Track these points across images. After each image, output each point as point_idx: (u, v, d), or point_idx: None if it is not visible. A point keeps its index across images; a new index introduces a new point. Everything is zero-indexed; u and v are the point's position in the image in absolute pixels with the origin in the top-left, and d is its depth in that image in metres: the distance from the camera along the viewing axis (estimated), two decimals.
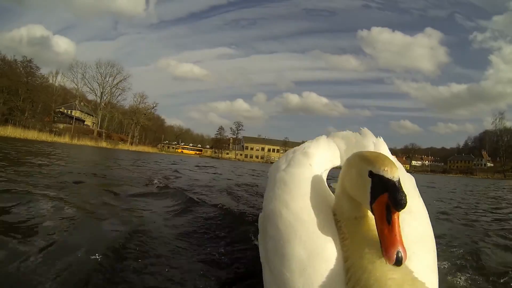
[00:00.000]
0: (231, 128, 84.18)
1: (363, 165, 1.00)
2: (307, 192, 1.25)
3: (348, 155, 1.25)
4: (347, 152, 1.56)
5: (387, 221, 0.90)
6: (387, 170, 0.94)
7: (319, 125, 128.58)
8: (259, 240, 1.45)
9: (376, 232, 0.94)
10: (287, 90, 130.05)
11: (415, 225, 1.16)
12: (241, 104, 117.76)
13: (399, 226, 0.90)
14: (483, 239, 2.62)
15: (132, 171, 7.53)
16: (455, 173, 70.39)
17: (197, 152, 64.14)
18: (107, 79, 57.58)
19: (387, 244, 0.88)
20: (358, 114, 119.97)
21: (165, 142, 76.81)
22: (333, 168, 1.59)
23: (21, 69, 40.10)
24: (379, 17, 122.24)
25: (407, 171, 1.57)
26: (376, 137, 1.67)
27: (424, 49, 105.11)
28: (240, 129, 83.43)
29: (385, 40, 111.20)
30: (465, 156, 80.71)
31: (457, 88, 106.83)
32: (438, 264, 1.18)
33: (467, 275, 1.81)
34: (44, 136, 32.13)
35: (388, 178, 0.93)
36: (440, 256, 1.47)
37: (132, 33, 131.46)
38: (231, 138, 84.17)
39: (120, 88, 58.90)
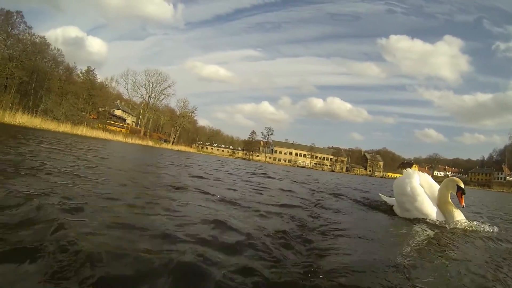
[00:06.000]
0: (262, 132, 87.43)
1: (454, 183, 3.77)
2: (422, 191, 3.93)
3: (423, 179, 4.15)
4: (421, 177, 4.16)
5: (461, 197, 3.72)
6: (462, 185, 3.74)
7: (343, 131, 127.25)
8: (400, 206, 4.15)
9: (452, 204, 3.78)
10: (311, 95, 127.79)
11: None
12: (266, 107, 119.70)
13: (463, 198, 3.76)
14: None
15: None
16: (473, 185, 69.47)
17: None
18: (153, 85, 62.47)
19: (461, 202, 3.73)
20: (382, 121, 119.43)
21: (199, 143, 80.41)
22: None
23: (86, 76, 46.07)
24: (404, 23, 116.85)
25: None
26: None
27: (445, 57, 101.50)
28: (270, 134, 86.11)
29: (405, 48, 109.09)
30: (486, 169, 78.95)
31: (482, 97, 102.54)
32: None
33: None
34: (109, 135, 37.02)
35: (462, 187, 3.72)
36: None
37: (159, 34, 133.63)
38: (261, 142, 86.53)
39: (165, 94, 63.59)
